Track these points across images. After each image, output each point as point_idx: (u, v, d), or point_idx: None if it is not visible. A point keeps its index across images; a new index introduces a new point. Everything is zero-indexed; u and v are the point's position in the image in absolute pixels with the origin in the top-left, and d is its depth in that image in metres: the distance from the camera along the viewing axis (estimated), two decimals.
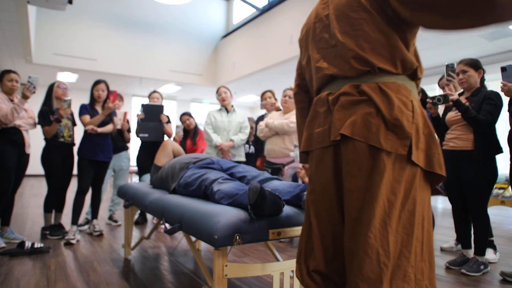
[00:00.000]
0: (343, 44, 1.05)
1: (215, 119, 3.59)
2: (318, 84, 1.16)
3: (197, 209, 1.59)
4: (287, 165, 3.26)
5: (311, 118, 1.16)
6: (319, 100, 1.14)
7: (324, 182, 1.07)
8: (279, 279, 1.55)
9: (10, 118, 2.84)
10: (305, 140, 1.17)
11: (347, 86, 1.04)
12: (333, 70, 1.08)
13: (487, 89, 2.55)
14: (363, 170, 0.97)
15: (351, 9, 1.04)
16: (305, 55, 1.25)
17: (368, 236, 0.92)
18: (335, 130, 1.02)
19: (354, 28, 1.04)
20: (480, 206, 2.46)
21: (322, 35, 1.14)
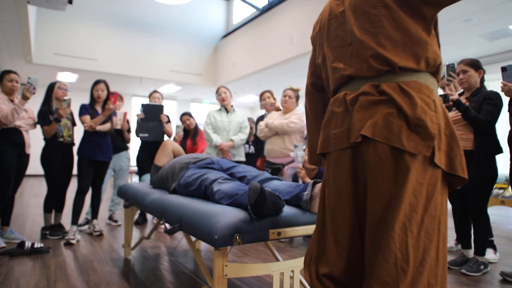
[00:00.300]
0: (362, 42, 1.02)
1: (215, 119, 3.59)
2: (335, 85, 1.12)
3: (197, 209, 1.59)
4: (287, 165, 3.26)
5: (328, 119, 1.12)
6: (336, 100, 1.11)
7: (341, 185, 1.03)
8: (279, 279, 1.55)
9: (10, 119, 2.84)
10: (322, 141, 1.13)
11: (366, 86, 1.01)
12: (350, 70, 1.05)
13: (486, 89, 2.55)
14: (385, 172, 0.94)
15: (370, 5, 1.01)
16: (320, 54, 1.21)
17: (388, 240, 0.90)
18: (355, 131, 0.98)
19: (374, 25, 1.00)
20: (480, 206, 2.46)
21: (337, 33, 1.11)
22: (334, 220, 1.05)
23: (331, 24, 1.13)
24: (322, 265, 1.07)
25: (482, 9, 4.75)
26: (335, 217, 1.05)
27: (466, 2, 4.53)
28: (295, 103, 3.42)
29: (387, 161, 0.94)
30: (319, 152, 1.14)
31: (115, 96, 3.23)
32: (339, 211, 1.04)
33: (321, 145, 1.13)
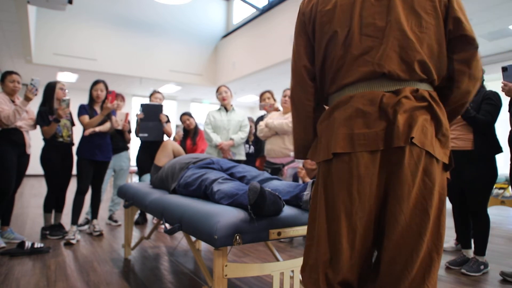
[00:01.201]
0: (411, 42, 0.99)
1: (214, 118, 3.59)
2: (355, 77, 1.03)
3: (197, 209, 1.59)
4: (286, 165, 3.26)
5: (349, 116, 1.01)
6: (362, 97, 1.01)
7: (365, 189, 0.98)
8: (279, 279, 1.55)
9: (12, 119, 2.85)
10: (344, 139, 1.00)
11: (407, 90, 0.99)
12: (386, 68, 0.99)
13: (486, 89, 2.56)
14: (415, 176, 0.95)
15: (424, 9, 1.01)
16: (331, 33, 1.07)
17: (423, 241, 0.95)
18: (401, 134, 0.95)
19: (422, 30, 1.00)
20: (480, 206, 2.46)
21: (372, 21, 1.02)
22: (351, 224, 0.99)
23: (364, 8, 1.03)
24: (335, 271, 1.01)
25: (482, 9, 4.75)
26: (353, 221, 0.99)
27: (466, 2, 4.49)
28: None
29: (419, 165, 0.96)
30: (339, 151, 1.00)
31: (112, 95, 3.22)
32: (360, 214, 0.99)
33: (344, 143, 1.00)
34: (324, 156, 1.05)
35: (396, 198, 0.96)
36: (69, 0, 5.05)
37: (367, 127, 0.98)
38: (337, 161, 1.01)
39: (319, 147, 1.10)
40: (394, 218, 0.96)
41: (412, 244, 0.95)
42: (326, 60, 1.10)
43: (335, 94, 1.10)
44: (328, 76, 1.10)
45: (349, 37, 1.04)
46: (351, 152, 0.99)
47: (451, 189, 2.67)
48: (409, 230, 0.95)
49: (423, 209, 0.96)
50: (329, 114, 1.08)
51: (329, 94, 1.14)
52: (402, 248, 0.96)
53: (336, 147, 1.00)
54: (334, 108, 1.07)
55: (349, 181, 0.99)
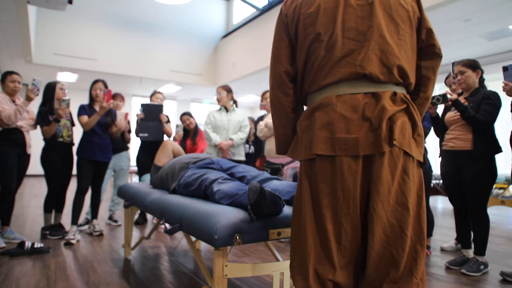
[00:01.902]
0: (391, 48, 1.05)
1: (214, 118, 3.60)
2: (337, 78, 1.06)
3: (197, 209, 1.59)
4: (286, 165, 3.26)
5: (331, 120, 1.05)
6: (344, 103, 1.05)
7: (349, 189, 1.02)
8: (279, 279, 1.56)
9: (13, 119, 2.86)
10: (325, 142, 1.04)
11: (387, 94, 1.05)
12: (368, 70, 1.03)
13: (486, 89, 2.56)
14: (396, 175, 1.02)
15: (401, 18, 1.08)
16: (315, 34, 1.10)
17: (405, 236, 1.01)
18: (385, 139, 1.00)
19: (400, 37, 1.07)
20: (480, 206, 2.46)
21: (352, 25, 1.06)
22: (337, 220, 1.03)
23: (346, 12, 1.07)
24: (324, 267, 1.04)
25: (482, 9, 4.75)
26: (338, 219, 1.03)
27: (466, 2, 4.53)
28: None
29: (398, 164, 1.02)
30: (319, 153, 1.04)
31: (108, 94, 3.21)
32: (345, 211, 1.03)
33: (325, 146, 1.04)
34: (306, 156, 1.09)
35: (378, 195, 1.01)
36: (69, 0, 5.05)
37: (348, 132, 1.03)
38: (320, 160, 1.06)
39: (299, 146, 1.13)
40: (376, 214, 1.01)
41: (395, 239, 1.01)
42: (308, 60, 1.14)
43: (316, 93, 1.14)
44: (309, 76, 1.14)
45: (332, 39, 1.07)
46: (332, 155, 1.04)
47: (451, 189, 2.67)
48: (391, 226, 1.01)
49: (403, 205, 1.02)
50: (309, 114, 1.12)
51: (309, 93, 1.17)
52: (386, 244, 1.01)
53: (317, 149, 1.05)
54: (315, 108, 1.10)
55: (333, 179, 1.04)
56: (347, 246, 1.03)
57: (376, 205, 1.01)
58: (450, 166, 2.61)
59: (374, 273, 1.02)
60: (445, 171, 2.69)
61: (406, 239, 1.01)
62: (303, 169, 1.12)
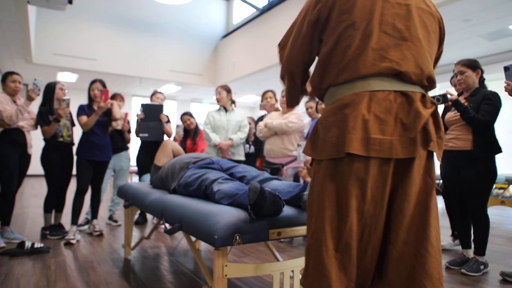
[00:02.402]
0: (424, 52, 1.07)
1: (213, 118, 3.60)
2: (372, 71, 1.02)
3: (197, 209, 1.59)
4: (286, 165, 3.26)
5: (366, 119, 1.00)
6: (377, 104, 1.01)
7: (378, 190, 1.01)
8: (279, 279, 1.56)
9: (14, 119, 2.87)
10: (359, 141, 0.99)
11: (417, 96, 1.05)
12: (406, 68, 1.02)
13: (487, 89, 2.56)
14: (420, 175, 1.04)
15: (431, 27, 1.11)
16: (348, 21, 1.05)
17: (429, 235, 1.01)
18: (421, 144, 1.01)
19: (429, 45, 1.10)
20: (480, 206, 2.46)
21: (392, 21, 1.05)
22: (361, 222, 1.01)
23: (384, 7, 1.05)
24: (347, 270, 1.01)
25: (482, 9, 4.75)
26: (364, 219, 1.01)
27: (466, 2, 4.53)
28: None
29: (423, 166, 1.04)
30: (353, 152, 0.98)
31: (105, 94, 3.21)
32: (372, 212, 1.02)
33: (357, 146, 0.99)
34: (333, 154, 1.02)
35: (405, 196, 1.01)
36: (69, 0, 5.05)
37: (383, 133, 1.00)
38: (350, 160, 1.00)
39: (322, 143, 1.07)
40: (402, 214, 1.02)
41: (418, 240, 1.01)
42: (336, 48, 1.08)
43: (343, 86, 1.07)
44: (337, 66, 1.07)
45: (368, 29, 1.04)
46: (365, 156, 0.99)
47: (451, 189, 2.67)
48: (414, 227, 1.01)
49: (426, 206, 1.03)
50: (337, 111, 1.05)
51: (333, 85, 1.10)
52: (408, 244, 1.01)
53: (351, 148, 0.98)
54: (345, 106, 1.04)
55: (364, 180, 1.00)
56: (368, 246, 1.03)
57: (402, 205, 1.02)
58: (450, 166, 2.61)
59: (394, 273, 1.02)
60: (445, 171, 2.69)
61: (429, 240, 1.00)
62: (326, 168, 1.05)
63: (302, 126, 3.35)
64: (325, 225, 1.01)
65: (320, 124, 1.10)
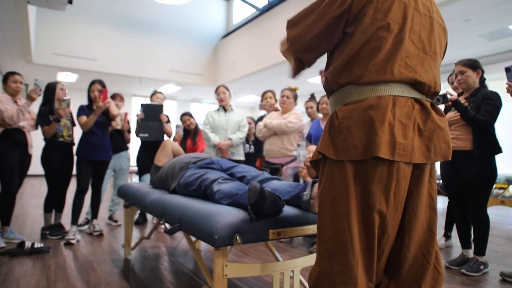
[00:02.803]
0: (438, 65, 1.12)
1: (213, 118, 3.60)
2: (397, 78, 1.03)
3: (197, 209, 1.59)
4: (285, 165, 3.26)
5: (392, 123, 1.01)
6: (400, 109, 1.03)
7: (400, 193, 1.03)
8: (279, 279, 1.55)
9: (15, 119, 2.87)
10: (387, 145, 0.99)
11: (429, 104, 1.09)
12: (426, 80, 1.07)
13: (487, 89, 2.55)
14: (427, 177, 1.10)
15: (442, 42, 1.17)
16: (383, 22, 1.03)
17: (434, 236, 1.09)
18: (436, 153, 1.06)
19: (440, 58, 1.16)
20: (480, 206, 2.46)
21: (418, 30, 1.06)
22: (383, 225, 1.03)
23: (414, 15, 1.06)
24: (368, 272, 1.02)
25: (482, 9, 4.75)
26: (386, 222, 1.02)
27: (466, 2, 4.53)
28: (293, 102, 3.42)
29: (429, 169, 1.10)
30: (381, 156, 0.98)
31: (104, 93, 3.21)
32: (392, 215, 1.03)
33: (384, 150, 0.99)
34: (357, 156, 1.00)
35: (419, 198, 1.07)
36: (69, 0, 5.05)
37: (405, 138, 1.02)
38: (375, 163, 1.00)
39: (343, 144, 1.03)
40: (415, 216, 1.07)
41: (427, 240, 1.08)
42: (366, 47, 1.04)
43: (367, 86, 1.05)
44: (363, 64, 1.04)
45: (401, 35, 1.04)
46: (390, 160, 1.00)
47: (451, 189, 2.67)
48: (423, 227, 1.09)
49: (431, 207, 1.10)
50: (362, 110, 1.03)
51: (354, 83, 1.07)
52: (419, 245, 1.08)
53: (379, 152, 0.98)
54: (370, 107, 1.02)
55: (388, 184, 1.01)
56: (385, 249, 1.06)
57: (416, 207, 1.06)
58: (450, 166, 2.61)
59: (407, 273, 1.07)
60: (445, 171, 2.69)
61: (435, 239, 1.09)
62: (348, 169, 1.02)
63: (302, 126, 3.35)
64: (352, 228, 0.99)
65: (340, 123, 1.05)
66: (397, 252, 1.08)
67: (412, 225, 1.06)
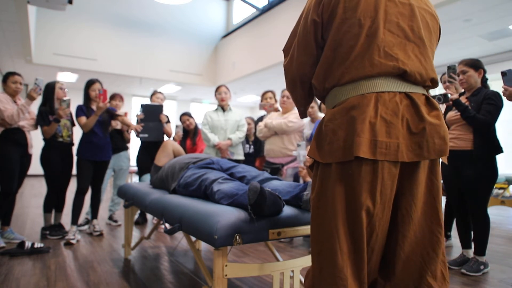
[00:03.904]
0: (428, 52, 1.07)
1: (211, 119, 3.60)
2: (377, 71, 1.01)
3: (197, 209, 1.59)
4: (286, 165, 3.26)
5: (373, 122, 0.98)
6: (384, 106, 0.99)
7: (386, 192, 1.00)
8: (279, 279, 1.55)
9: (16, 119, 2.87)
10: (368, 144, 0.97)
11: (422, 99, 1.04)
12: (410, 68, 1.01)
13: (489, 88, 2.55)
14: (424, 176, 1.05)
15: (433, 28, 1.11)
16: (352, 19, 1.03)
17: (437, 235, 1.03)
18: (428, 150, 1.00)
19: (431, 44, 1.10)
20: (480, 206, 2.46)
21: (395, 20, 1.04)
22: (370, 225, 1.00)
23: (388, 6, 1.04)
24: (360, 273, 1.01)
25: (482, 9, 4.75)
26: (373, 222, 1.00)
27: (466, 2, 4.53)
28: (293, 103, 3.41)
29: (427, 166, 1.05)
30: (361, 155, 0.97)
31: (104, 94, 3.21)
32: (380, 215, 1.01)
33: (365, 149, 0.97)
34: (341, 158, 1.00)
35: (412, 198, 1.02)
36: (69, 0, 5.05)
37: (389, 136, 0.98)
38: (359, 163, 0.98)
39: (329, 147, 1.03)
40: (409, 216, 1.02)
41: (426, 241, 1.03)
42: (340, 46, 1.06)
43: (348, 86, 1.04)
44: (342, 65, 1.05)
45: (373, 28, 1.02)
46: (373, 160, 0.98)
47: (451, 189, 2.67)
48: (421, 228, 1.03)
49: (432, 206, 1.04)
50: (344, 113, 1.02)
51: (337, 86, 1.07)
52: (416, 246, 1.03)
53: (359, 151, 0.96)
54: (352, 107, 1.01)
55: (373, 183, 0.98)
56: (374, 248, 1.03)
57: (409, 207, 1.02)
58: (450, 166, 2.61)
59: (402, 274, 1.04)
60: (445, 171, 2.69)
61: (437, 241, 1.03)
62: (334, 171, 1.02)
63: (302, 126, 3.35)
64: (338, 229, 0.99)
65: (325, 127, 1.06)
66: (391, 253, 1.05)
67: (406, 225, 1.02)
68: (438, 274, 1.02)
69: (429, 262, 1.02)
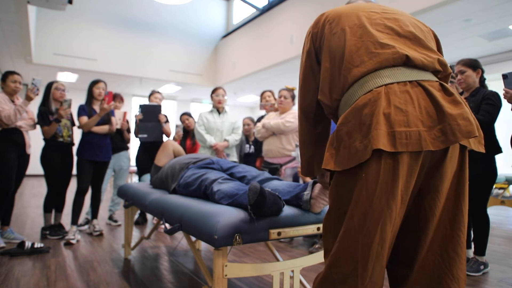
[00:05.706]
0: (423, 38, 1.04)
1: (207, 120, 3.59)
2: (376, 61, 0.97)
3: (197, 209, 1.59)
4: (284, 165, 3.26)
5: (386, 113, 0.90)
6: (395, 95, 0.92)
7: (407, 186, 0.92)
8: (279, 279, 1.55)
9: (13, 119, 2.86)
10: (385, 136, 0.88)
11: (436, 86, 0.95)
12: (410, 52, 0.98)
13: (487, 88, 2.55)
14: (453, 168, 0.96)
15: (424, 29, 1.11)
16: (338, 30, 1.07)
17: (459, 235, 0.96)
18: (463, 128, 0.89)
19: (426, 39, 1.07)
20: (480, 206, 2.46)
21: (381, 22, 1.05)
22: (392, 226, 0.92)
23: (370, 15, 1.07)
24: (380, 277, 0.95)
25: (482, 9, 4.75)
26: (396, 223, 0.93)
27: (466, 2, 4.53)
28: (291, 102, 3.42)
29: (456, 159, 0.96)
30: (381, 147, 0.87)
31: (109, 96, 3.22)
32: (401, 214, 0.94)
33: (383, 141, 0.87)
34: (360, 159, 0.91)
35: (436, 193, 0.95)
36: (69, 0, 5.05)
37: (408, 125, 0.89)
38: (377, 159, 0.89)
39: (345, 151, 0.94)
40: (432, 213, 0.96)
41: (447, 240, 0.96)
42: (335, 55, 1.05)
43: (355, 86, 0.99)
44: (342, 70, 1.03)
45: (362, 30, 1.04)
46: (394, 152, 0.88)
47: None
48: (442, 225, 0.96)
49: (457, 204, 0.97)
50: (356, 113, 0.95)
51: (345, 92, 1.03)
52: (437, 245, 0.96)
53: (379, 143, 0.87)
54: (363, 106, 0.94)
55: (394, 182, 0.89)
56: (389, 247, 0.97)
57: (433, 204, 0.95)
58: None
59: (420, 274, 0.97)
60: None
61: (460, 241, 0.96)
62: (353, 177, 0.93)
63: None
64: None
65: (339, 131, 0.97)
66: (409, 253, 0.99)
67: (429, 223, 0.95)
68: (461, 276, 0.95)
69: (450, 264, 0.95)
